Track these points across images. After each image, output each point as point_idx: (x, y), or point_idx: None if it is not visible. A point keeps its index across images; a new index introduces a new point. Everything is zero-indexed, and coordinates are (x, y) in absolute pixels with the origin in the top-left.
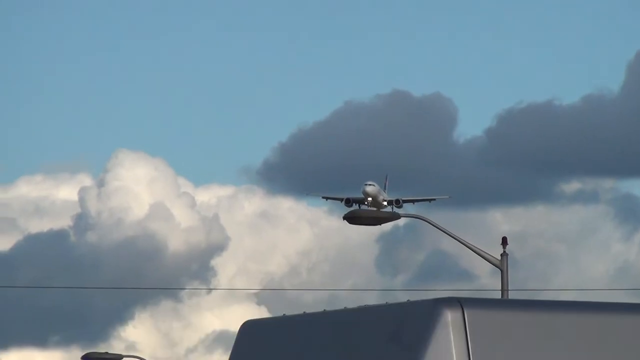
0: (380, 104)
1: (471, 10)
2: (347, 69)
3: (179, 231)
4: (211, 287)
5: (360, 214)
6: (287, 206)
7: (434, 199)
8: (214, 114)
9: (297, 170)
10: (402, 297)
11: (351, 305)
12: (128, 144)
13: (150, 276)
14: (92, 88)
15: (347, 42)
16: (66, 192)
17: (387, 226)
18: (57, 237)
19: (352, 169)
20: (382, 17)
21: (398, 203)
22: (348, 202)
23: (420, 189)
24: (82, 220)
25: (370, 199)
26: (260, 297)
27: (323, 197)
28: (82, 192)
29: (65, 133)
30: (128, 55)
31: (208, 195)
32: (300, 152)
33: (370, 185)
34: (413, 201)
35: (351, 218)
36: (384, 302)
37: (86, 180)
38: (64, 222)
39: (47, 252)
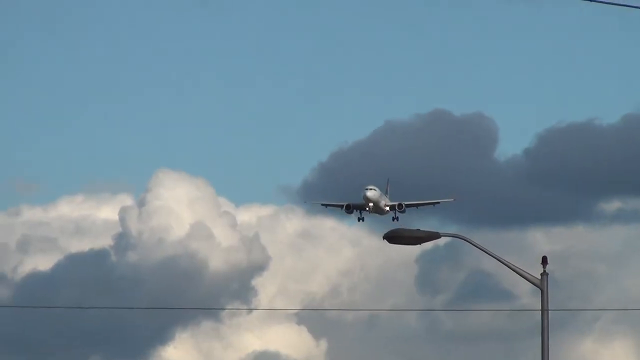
0: (420, 123)
1: (512, 31)
2: (388, 88)
3: (220, 251)
4: (252, 307)
5: (400, 233)
6: (328, 226)
7: (438, 202)
8: (254, 135)
9: (337, 189)
10: (444, 317)
11: (391, 325)
12: (169, 163)
13: (191, 296)
14: (133, 108)
15: (387, 61)
16: (107, 211)
17: (428, 245)
18: (97, 257)
19: (391, 188)
20: (422, 37)
21: (401, 208)
22: (349, 208)
23: (460, 209)
24: (122, 240)
25: (371, 204)
26: (300, 317)
27: (322, 205)
28: (123, 211)
29: (107, 153)
30: (170, 78)
31: (249, 215)
32: (340, 171)
33: (371, 189)
34: (416, 205)
35: (391, 237)
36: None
37: (127, 200)
38: (104, 241)
39: (87, 271)
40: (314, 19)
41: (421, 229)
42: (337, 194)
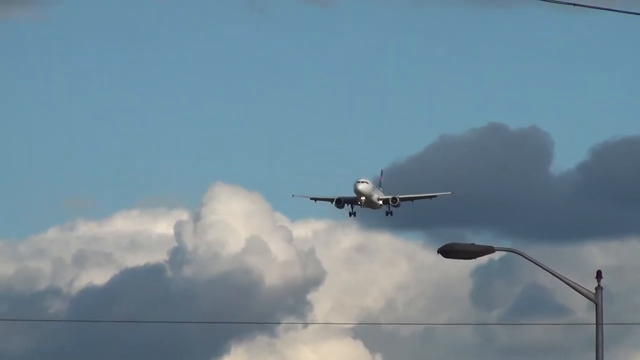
0: (475, 138)
1: (568, 45)
2: (442, 102)
3: (276, 265)
4: (307, 321)
5: (454, 247)
6: (383, 240)
7: (435, 196)
8: (309, 150)
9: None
10: (498, 332)
11: (447, 339)
12: (224, 177)
13: (246, 310)
14: (189, 123)
15: (442, 75)
16: (162, 226)
17: (482, 260)
18: (153, 272)
19: (447, 202)
20: (477, 51)
21: (395, 201)
22: (339, 202)
23: (516, 223)
24: (178, 255)
25: (363, 198)
26: (356, 332)
27: (312, 199)
28: (178, 226)
29: (162, 168)
30: (225, 92)
31: (304, 230)
32: (395, 186)
33: (362, 182)
34: (412, 199)
35: (446, 252)
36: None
37: (182, 215)
38: (160, 256)
39: (143, 286)
40: (368, 34)
41: (476, 243)
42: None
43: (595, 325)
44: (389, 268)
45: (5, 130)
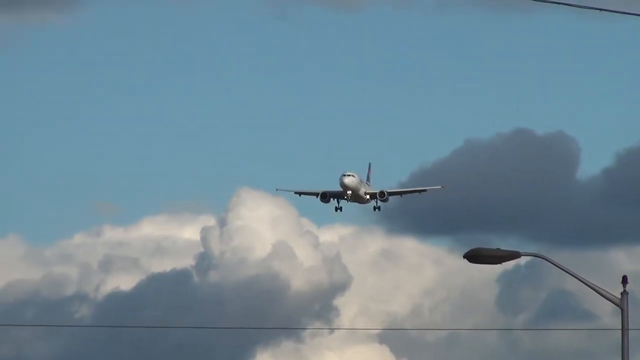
0: (501, 143)
1: (594, 50)
2: (469, 107)
3: (302, 270)
4: (333, 326)
5: (480, 252)
6: (410, 245)
7: (425, 190)
8: (334, 154)
9: (418, 209)
10: (524, 337)
11: (472, 344)
12: (250, 182)
13: (272, 316)
14: (213, 128)
15: (468, 79)
16: (189, 232)
17: (508, 265)
18: (179, 277)
19: (471, 207)
20: (503, 55)
21: (383, 196)
22: (324, 196)
23: (542, 228)
24: (204, 260)
25: (350, 192)
26: (382, 337)
27: (296, 193)
28: (205, 231)
29: (188, 173)
30: (253, 98)
31: (330, 235)
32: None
33: (349, 176)
34: (400, 193)
35: (471, 257)
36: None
37: (209, 220)
38: (186, 261)
39: (169, 291)
40: (393, 39)
41: (501, 248)
42: (419, 213)
43: (620, 331)
44: (415, 273)
45: (32, 135)
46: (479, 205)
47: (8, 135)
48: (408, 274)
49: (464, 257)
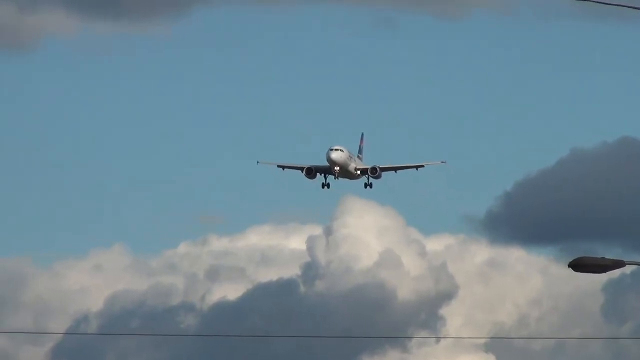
0: (606, 152)
1: None
2: (575, 116)
3: (409, 280)
4: (440, 336)
5: (585, 262)
6: (516, 255)
7: (422, 166)
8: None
9: (523, 219)
10: (630, 346)
11: (579, 354)
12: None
13: (378, 325)
14: (318, 134)
15: (573, 88)
16: (295, 241)
17: (614, 274)
18: (285, 287)
19: (577, 216)
20: (609, 62)
21: (375, 172)
22: (310, 172)
23: None
24: (311, 270)
25: (337, 168)
26: (488, 347)
27: (279, 167)
28: (311, 241)
29: (294, 184)
30: (355, 107)
31: (437, 244)
32: (525, 201)
33: (336, 150)
34: (395, 169)
35: (577, 266)
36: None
37: (315, 230)
38: (292, 271)
39: (275, 301)
40: (499, 47)
41: (607, 257)
42: (524, 223)
43: None
44: (521, 282)
45: (139, 147)
46: (584, 214)
47: (114, 145)
48: (514, 283)
49: (569, 266)
